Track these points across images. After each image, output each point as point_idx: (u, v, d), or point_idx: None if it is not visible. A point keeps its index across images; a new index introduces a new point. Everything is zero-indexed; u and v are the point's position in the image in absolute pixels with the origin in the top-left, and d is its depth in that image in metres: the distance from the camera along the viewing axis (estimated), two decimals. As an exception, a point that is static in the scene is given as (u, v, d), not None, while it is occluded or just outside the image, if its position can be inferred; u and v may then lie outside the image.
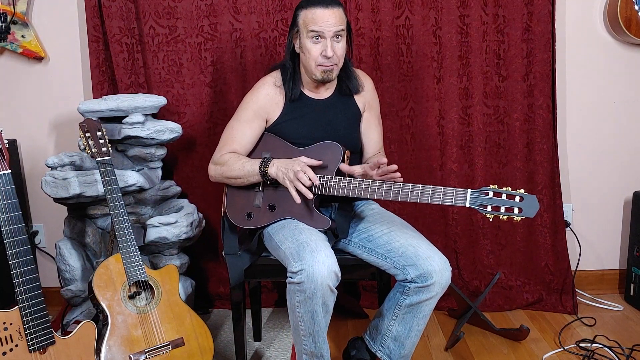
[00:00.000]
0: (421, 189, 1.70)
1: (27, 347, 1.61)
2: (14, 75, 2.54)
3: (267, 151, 1.94)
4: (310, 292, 1.65)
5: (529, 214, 1.65)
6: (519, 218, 1.66)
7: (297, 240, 1.75)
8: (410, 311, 1.80)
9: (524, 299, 2.60)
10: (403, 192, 1.72)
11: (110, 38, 2.43)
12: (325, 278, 1.65)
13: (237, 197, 1.95)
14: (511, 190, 1.66)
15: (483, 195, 1.67)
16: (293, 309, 1.73)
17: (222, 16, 2.45)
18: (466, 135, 2.54)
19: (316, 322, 1.71)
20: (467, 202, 1.67)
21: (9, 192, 1.62)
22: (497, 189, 1.67)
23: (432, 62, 2.49)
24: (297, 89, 1.94)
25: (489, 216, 1.67)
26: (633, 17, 2.41)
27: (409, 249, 1.79)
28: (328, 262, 1.67)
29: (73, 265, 2.19)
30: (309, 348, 1.78)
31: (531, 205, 1.65)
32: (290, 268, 1.69)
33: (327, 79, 1.88)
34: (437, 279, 1.74)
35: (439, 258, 1.76)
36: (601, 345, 2.22)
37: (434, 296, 1.77)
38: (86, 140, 1.92)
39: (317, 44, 1.82)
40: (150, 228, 2.15)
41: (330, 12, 1.80)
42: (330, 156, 1.85)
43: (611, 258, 2.75)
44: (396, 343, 1.86)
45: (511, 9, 2.44)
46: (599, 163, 2.65)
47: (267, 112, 1.95)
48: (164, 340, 1.84)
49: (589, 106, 2.61)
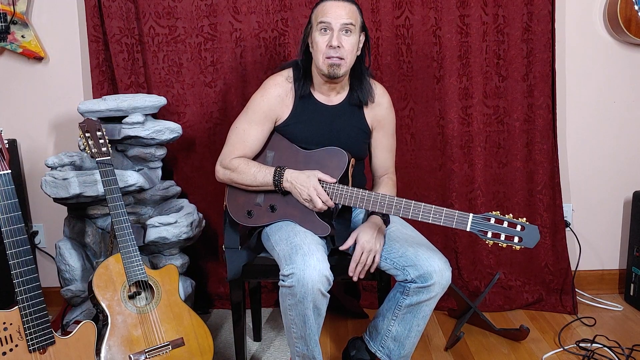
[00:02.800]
0: (423, 207, 1.70)
1: (27, 347, 1.61)
2: (14, 75, 2.54)
3: (272, 150, 1.93)
4: (300, 296, 1.65)
5: (529, 245, 1.64)
6: (518, 247, 1.65)
7: (290, 242, 1.74)
8: (410, 311, 1.80)
9: (523, 299, 2.60)
10: (405, 209, 1.71)
11: (110, 38, 2.43)
12: (315, 282, 1.64)
13: (239, 193, 1.94)
14: (513, 218, 1.65)
15: (485, 221, 1.65)
16: (285, 312, 1.73)
17: (222, 16, 2.45)
18: (466, 135, 2.54)
19: (307, 325, 1.71)
20: (468, 227, 1.66)
21: (9, 192, 1.62)
22: (499, 216, 1.65)
23: (432, 62, 2.49)
24: (307, 87, 1.91)
25: (487, 242, 1.66)
26: (633, 17, 2.41)
27: (409, 250, 1.79)
28: (319, 266, 1.65)
29: (73, 265, 2.19)
30: (301, 350, 1.79)
31: (532, 236, 1.64)
32: (282, 271, 1.69)
33: (334, 74, 1.82)
34: (437, 279, 1.73)
35: (439, 259, 1.76)
36: (601, 345, 2.22)
37: (434, 297, 1.77)
38: (86, 140, 1.92)
39: (324, 36, 1.80)
40: (150, 228, 2.15)
41: (341, 5, 1.80)
42: (336, 163, 1.84)
43: (611, 258, 2.75)
44: (396, 343, 1.86)
45: (511, 9, 2.44)
46: (599, 163, 2.65)
47: (277, 113, 1.92)
48: (164, 340, 1.84)
49: (589, 106, 2.61)
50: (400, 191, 2.58)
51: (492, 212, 1.66)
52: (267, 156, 1.92)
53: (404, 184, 2.58)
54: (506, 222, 1.65)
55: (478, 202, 2.57)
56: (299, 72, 1.91)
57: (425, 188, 2.59)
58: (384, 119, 1.99)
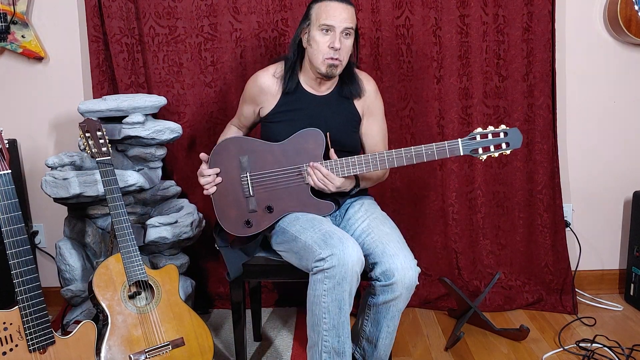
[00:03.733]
0: (414, 150, 1.81)
1: (27, 347, 1.61)
2: (14, 75, 2.54)
3: (245, 154, 1.90)
4: (340, 276, 1.64)
5: (516, 145, 1.80)
6: (508, 151, 1.80)
7: (319, 229, 1.75)
8: (378, 311, 1.79)
9: (524, 299, 2.60)
10: (398, 158, 1.82)
11: (110, 38, 2.43)
12: (355, 264, 1.65)
13: (228, 208, 1.91)
14: (494, 128, 1.80)
15: (472, 141, 1.80)
16: (318, 301, 1.69)
17: (222, 16, 2.45)
18: (466, 135, 2.53)
19: (342, 312, 1.68)
20: (461, 150, 1.79)
21: (9, 192, 1.62)
22: (481, 130, 1.80)
23: (432, 62, 2.49)
24: (294, 82, 1.94)
25: (481, 158, 1.79)
26: (633, 17, 2.41)
27: (378, 246, 1.77)
28: (357, 248, 1.68)
29: (73, 265, 2.19)
30: (331, 344, 1.71)
31: (516, 137, 1.80)
32: (318, 255, 1.67)
33: (331, 74, 1.87)
34: (399, 277, 1.70)
35: (403, 257, 1.73)
36: (601, 345, 2.22)
37: (398, 296, 1.74)
38: (86, 140, 1.92)
39: (326, 36, 1.84)
40: (150, 228, 2.15)
41: (344, 7, 1.84)
42: (313, 143, 1.86)
43: (611, 258, 2.75)
44: (370, 345, 1.86)
45: (511, 9, 2.44)
46: (599, 163, 2.65)
47: (261, 100, 1.98)
48: (164, 340, 1.84)
49: (589, 106, 2.61)
50: (400, 191, 2.59)
51: (475, 130, 1.81)
52: (242, 162, 1.90)
53: (403, 184, 2.58)
54: (490, 134, 1.80)
55: (478, 202, 2.58)
56: (288, 66, 1.95)
57: (425, 188, 2.59)
58: (373, 103, 2.04)
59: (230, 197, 1.91)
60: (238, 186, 1.91)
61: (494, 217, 2.61)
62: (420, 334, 2.39)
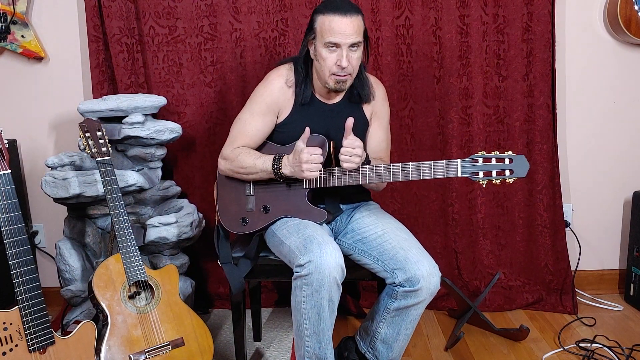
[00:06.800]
0: (411, 166, 1.73)
1: (27, 347, 1.61)
2: (14, 75, 2.54)
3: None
4: (317, 284, 1.64)
5: (521, 174, 1.67)
6: (511, 179, 1.67)
7: (302, 234, 1.75)
8: (398, 315, 1.80)
9: (524, 299, 2.60)
10: (394, 173, 1.75)
11: (110, 38, 2.43)
12: (332, 270, 1.64)
13: (230, 204, 1.96)
14: (499, 153, 1.68)
15: (473, 163, 1.68)
16: (298, 306, 1.71)
17: (222, 16, 2.45)
18: (466, 135, 2.54)
19: (322, 318, 1.69)
20: (459, 172, 1.69)
21: (9, 192, 1.62)
22: (485, 154, 1.69)
23: (432, 62, 2.49)
24: (308, 94, 1.90)
25: (481, 182, 1.68)
26: (633, 17, 2.41)
27: (399, 252, 1.77)
28: (335, 254, 1.67)
29: (73, 265, 2.19)
30: (312, 350, 1.74)
31: (521, 165, 1.67)
32: (297, 261, 1.68)
33: (340, 89, 1.85)
34: (425, 284, 1.72)
35: (427, 263, 1.74)
36: (601, 345, 2.22)
37: (421, 301, 1.76)
38: (86, 140, 1.92)
39: (332, 53, 1.78)
40: (150, 228, 2.15)
41: (349, 21, 1.74)
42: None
43: (611, 258, 2.75)
44: (384, 346, 1.86)
45: (511, 9, 2.44)
46: (599, 163, 2.65)
47: (280, 107, 1.92)
48: (164, 340, 1.84)
49: (589, 106, 2.61)
50: (400, 191, 2.59)
51: (479, 152, 1.69)
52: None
53: (403, 183, 2.58)
54: (494, 159, 1.68)
55: (478, 202, 2.57)
56: (299, 76, 1.90)
57: (425, 188, 2.59)
58: (380, 108, 2.02)
59: (233, 194, 1.95)
60: (241, 184, 1.93)
61: (493, 217, 2.61)
62: (420, 334, 2.39)
